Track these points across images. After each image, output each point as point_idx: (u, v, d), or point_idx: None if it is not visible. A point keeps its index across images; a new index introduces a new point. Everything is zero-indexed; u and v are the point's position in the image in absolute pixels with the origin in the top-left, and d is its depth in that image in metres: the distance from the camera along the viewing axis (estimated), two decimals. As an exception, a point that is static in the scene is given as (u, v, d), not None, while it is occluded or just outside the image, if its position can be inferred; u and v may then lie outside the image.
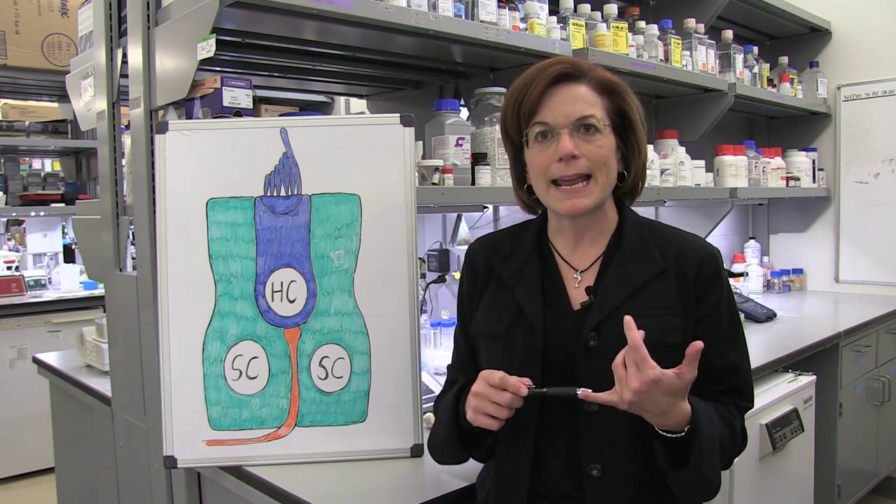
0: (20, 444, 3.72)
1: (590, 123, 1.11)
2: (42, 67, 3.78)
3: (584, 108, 1.12)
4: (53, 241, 4.60)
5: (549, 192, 1.14)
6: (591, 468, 1.12)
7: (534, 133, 1.14)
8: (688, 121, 2.90)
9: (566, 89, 1.13)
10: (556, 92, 1.13)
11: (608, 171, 1.14)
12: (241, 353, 1.46)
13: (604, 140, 1.13)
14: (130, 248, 1.89)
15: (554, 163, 1.12)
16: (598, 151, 1.12)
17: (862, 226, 3.60)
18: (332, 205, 1.47)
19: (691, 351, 1.00)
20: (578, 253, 1.21)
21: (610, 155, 1.14)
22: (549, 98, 1.13)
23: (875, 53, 3.53)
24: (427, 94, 2.44)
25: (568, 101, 1.12)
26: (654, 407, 1.01)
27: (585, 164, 1.11)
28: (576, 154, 1.11)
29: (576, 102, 1.12)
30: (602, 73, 1.16)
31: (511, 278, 1.20)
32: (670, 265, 1.15)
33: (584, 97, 1.13)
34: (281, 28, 1.74)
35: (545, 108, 1.13)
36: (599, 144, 1.12)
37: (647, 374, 0.98)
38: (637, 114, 1.18)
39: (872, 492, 3.17)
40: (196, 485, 1.60)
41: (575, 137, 1.11)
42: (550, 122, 1.12)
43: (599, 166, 1.12)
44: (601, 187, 1.13)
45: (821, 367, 2.61)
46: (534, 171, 1.17)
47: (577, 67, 1.15)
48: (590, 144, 1.12)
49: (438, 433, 1.24)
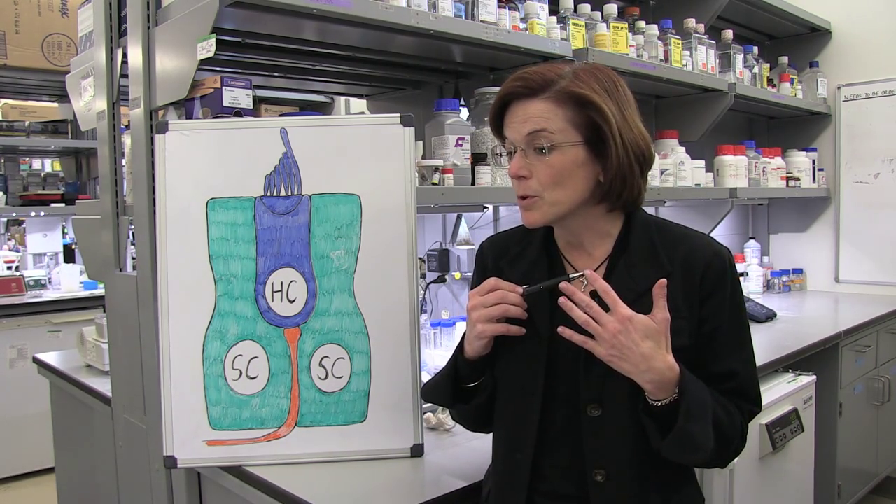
0: (20, 444, 3.72)
1: (538, 142, 1.09)
2: (42, 67, 3.78)
3: (533, 124, 1.10)
4: (53, 241, 4.60)
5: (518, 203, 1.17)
6: (595, 473, 1.11)
7: (506, 150, 1.17)
8: (688, 121, 2.90)
9: (519, 107, 1.13)
10: (511, 109, 1.14)
11: (562, 188, 1.11)
12: (241, 353, 1.46)
13: (557, 158, 1.09)
14: (130, 248, 1.89)
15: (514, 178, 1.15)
16: (546, 171, 1.10)
17: (862, 226, 3.60)
18: (332, 205, 1.47)
19: (656, 289, 1.05)
20: (584, 256, 1.20)
21: (564, 172, 1.10)
22: (508, 116, 1.15)
23: (875, 53, 3.53)
24: (427, 94, 2.44)
25: (519, 120, 1.12)
26: (635, 354, 1.03)
27: (533, 185, 1.12)
28: (523, 174, 1.12)
29: (526, 121, 1.11)
30: (564, 84, 1.09)
31: (519, 281, 1.19)
32: (677, 268, 1.13)
33: (535, 113, 1.10)
34: (281, 28, 1.74)
35: (506, 126, 1.15)
36: (550, 164, 1.10)
37: (619, 312, 1.03)
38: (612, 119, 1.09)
39: (872, 492, 3.17)
40: (196, 485, 1.60)
41: (530, 156, 1.11)
42: (510, 138, 1.14)
43: (548, 186, 1.11)
44: (550, 204, 1.12)
45: (821, 367, 2.61)
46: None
47: (527, 82, 1.11)
48: (541, 163, 1.11)
49: (437, 374, 1.29)
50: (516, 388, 1.18)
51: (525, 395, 1.16)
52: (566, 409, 1.14)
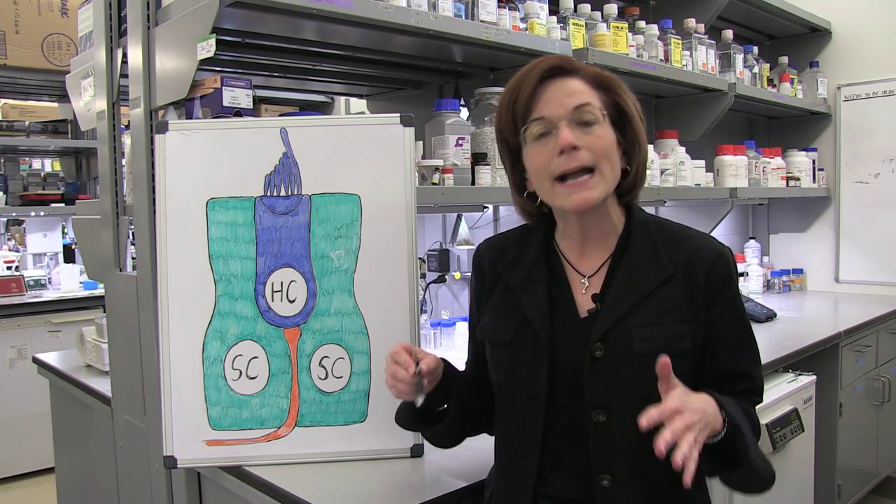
0: (20, 444, 3.72)
1: (587, 114, 1.08)
2: (42, 67, 3.78)
3: (579, 98, 1.09)
4: (53, 241, 4.60)
5: (554, 189, 1.10)
6: (601, 478, 1.10)
7: (532, 132, 1.10)
8: (688, 121, 2.90)
9: (559, 83, 1.11)
10: (549, 86, 1.11)
11: (611, 164, 1.10)
12: (241, 353, 1.46)
13: (603, 131, 1.09)
14: (130, 248, 1.89)
15: (555, 158, 1.08)
16: (598, 142, 1.08)
17: (862, 226, 3.60)
18: (332, 205, 1.47)
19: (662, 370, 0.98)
20: (585, 257, 1.18)
21: (611, 146, 1.10)
22: (543, 93, 1.10)
23: (875, 53, 3.53)
24: (427, 94, 2.44)
25: (562, 94, 1.09)
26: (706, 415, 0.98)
27: (588, 155, 1.08)
28: (577, 145, 1.07)
29: (571, 94, 1.09)
30: (592, 68, 1.15)
31: (518, 285, 1.19)
32: (679, 269, 1.12)
33: (578, 88, 1.10)
34: (281, 28, 1.74)
35: (540, 103, 1.10)
36: (599, 135, 1.08)
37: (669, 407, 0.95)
38: (634, 108, 1.14)
39: (872, 492, 3.17)
40: (196, 485, 1.60)
41: (574, 130, 1.08)
42: (547, 116, 1.09)
43: (602, 157, 1.09)
44: (606, 180, 1.09)
45: (821, 367, 2.61)
46: (534, 171, 1.13)
47: (567, 62, 1.13)
48: (590, 136, 1.08)
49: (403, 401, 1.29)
50: (519, 394, 1.17)
51: (528, 400, 1.15)
52: (570, 414, 1.12)
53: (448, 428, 1.25)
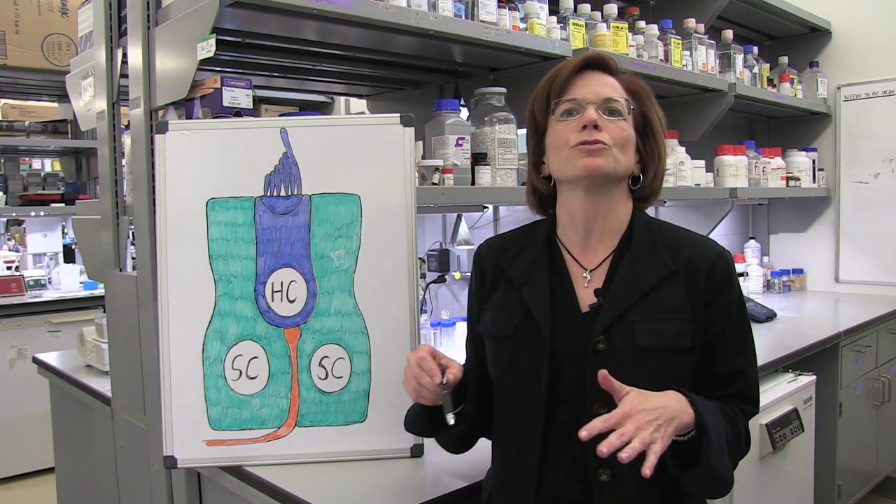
0: (20, 444, 3.72)
1: (615, 106, 1.14)
2: (42, 67, 3.78)
3: (611, 91, 1.16)
4: (53, 241, 4.60)
5: (568, 153, 1.14)
6: (599, 473, 1.10)
7: (560, 109, 1.16)
8: (688, 121, 2.90)
9: (597, 75, 1.18)
10: (587, 75, 1.17)
11: (626, 153, 1.15)
12: (241, 353, 1.46)
13: (626, 125, 1.15)
14: (130, 248, 1.89)
15: (576, 132, 1.13)
16: (619, 131, 1.14)
17: (862, 226, 3.60)
18: (332, 205, 1.47)
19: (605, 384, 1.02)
20: (588, 251, 1.20)
21: (630, 139, 1.16)
22: (580, 78, 1.17)
23: (875, 53, 3.53)
24: (427, 94, 2.44)
25: (597, 83, 1.16)
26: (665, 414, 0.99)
27: (606, 136, 1.13)
28: (599, 125, 1.12)
29: (604, 86, 1.16)
30: (631, 76, 1.22)
31: (519, 278, 1.20)
32: (680, 268, 1.14)
33: (612, 84, 1.17)
34: (281, 28, 1.74)
35: (574, 86, 1.16)
36: (621, 126, 1.14)
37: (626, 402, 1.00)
38: (659, 121, 1.21)
39: (872, 492, 3.17)
40: (196, 485, 1.60)
41: (600, 116, 1.13)
42: (579, 98, 1.15)
43: (619, 143, 1.13)
44: (617, 161, 1.13)
45: (821, 367, 2.61)
46: (554, 144, 1.17)
47: (611, 60, 1.20)
48: (612, 125, 1.14)
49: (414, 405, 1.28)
50: (520, 388, 1.17)
51: (529, 395, 1.15)
52: (571, 409, 1.12)
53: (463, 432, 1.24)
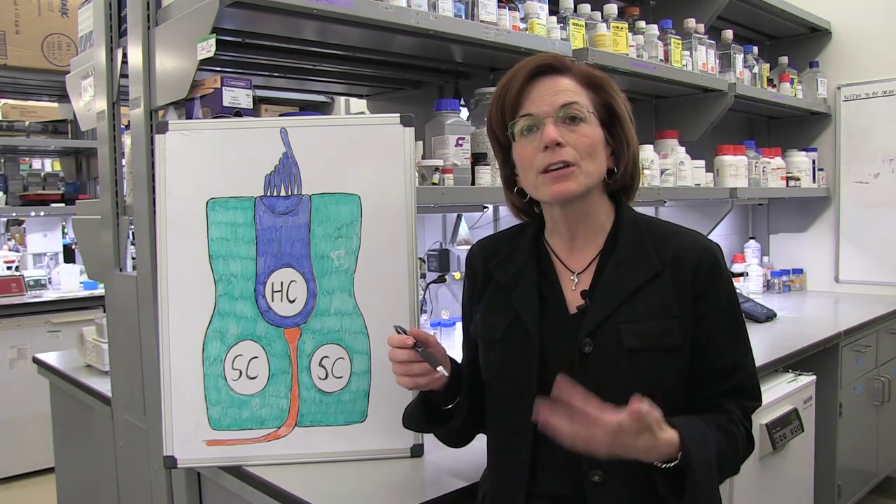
0: (20, 444, 3.72)
1: (574, 112, 1.10)
2: (42, 67, 3.78)
3: (567, 96, 1.11)
4: (53, 241, 4.60)
5: (538, 180, 1.13)
6: (591, 473, 1.10)
7: (519, 127, 1.13)
8: (688, 121, 2.90)
9: (548, 81, 1.13)
10: (538, 84, 1.13)
11: (595, 161, 1.12)
12: (241, 353, 1.46)
13: (589, 129, 1.12)
14: (130, 248, 1.89)
15: (539, 153, 1.11)
16: (582, 140, 1.11)
17: (862, 226, 3.60)
18: (332, 205, 1.47)
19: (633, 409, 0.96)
20: (574, 254, 1.20)
21: (596, 144, 1.12)
22: (532, 90, 1.13)
23: (875, 53, 3.53)
24: (427, 94, 2.44)
25: (550, 91, 1.12)
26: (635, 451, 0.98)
27: (570, 152, 1.10)
28: (560, 142, 1.09)
29: (558, 93, 1.12)
30: (584, 67, 1.17)
31: (508, 283, 1.20)
32: (667, 266, 1.13)
33: (566, 87, 1.13)
34: (281, 28, 1.74)
35: (528, 100, 1.13)
36: (584, 133, 1.11)
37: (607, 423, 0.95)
38: (624, 108, 1.17)
39: (872, 492, 3.17)
40: (196, 485, 1.60)
41: (560, 127, 1.10)
42: (534, 113, 1.11)
43: (585, 154, 1.11)
44: (586, 174, 1.11)
45: (821, 367, 2.61)
46: (521, 165, 1.15)
47: (558, 60, 1.15)
48: (574, 133, 1.10)
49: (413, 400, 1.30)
50: (509, 389, 1.17)
51: (519, 395, 1.15)
52: None
53: (460, 424, 1.25)
